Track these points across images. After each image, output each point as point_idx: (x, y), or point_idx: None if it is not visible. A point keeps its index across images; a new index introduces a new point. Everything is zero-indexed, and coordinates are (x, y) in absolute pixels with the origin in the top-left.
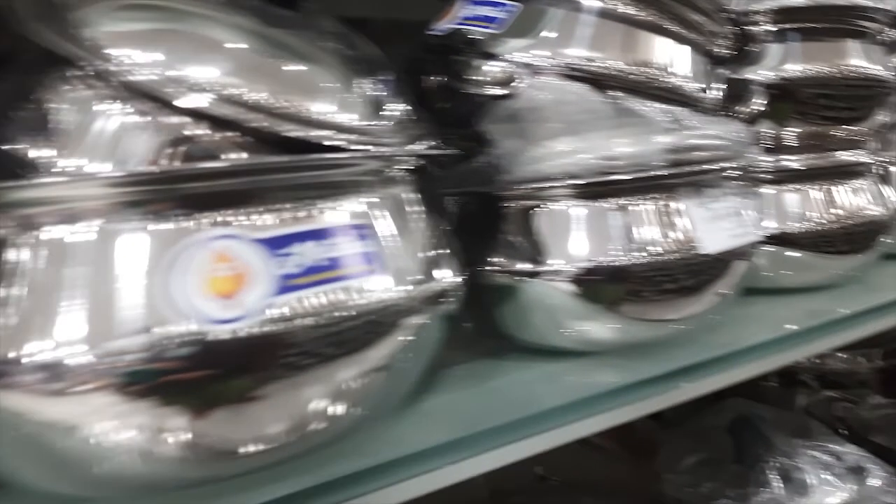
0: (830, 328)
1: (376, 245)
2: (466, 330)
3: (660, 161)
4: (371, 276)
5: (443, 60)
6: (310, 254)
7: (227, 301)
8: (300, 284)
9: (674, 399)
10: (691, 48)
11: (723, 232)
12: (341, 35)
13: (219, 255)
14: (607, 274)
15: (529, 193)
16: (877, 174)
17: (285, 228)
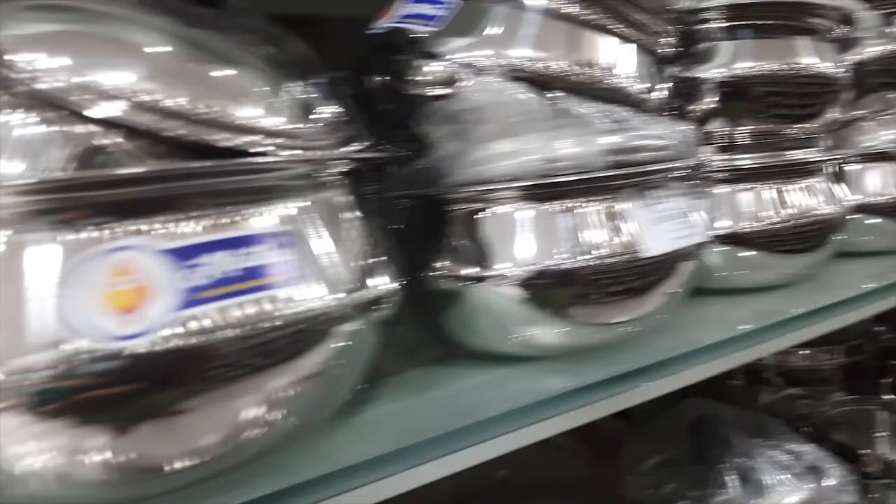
0: (783, 328)
1: (301, 252)
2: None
3: (602, 163)
4: (294, 285)
5: (385, 60)
6: (220, 264)
7: (126, 316)
8: (209, 297)
9: (623, 403)
10: (636, 48)
11: (667, 234)
12: (269, 35)
13: (118, 267)
14: (553, 278)
15: (473, 196)
16: (829, 172)
17: (195, 238)
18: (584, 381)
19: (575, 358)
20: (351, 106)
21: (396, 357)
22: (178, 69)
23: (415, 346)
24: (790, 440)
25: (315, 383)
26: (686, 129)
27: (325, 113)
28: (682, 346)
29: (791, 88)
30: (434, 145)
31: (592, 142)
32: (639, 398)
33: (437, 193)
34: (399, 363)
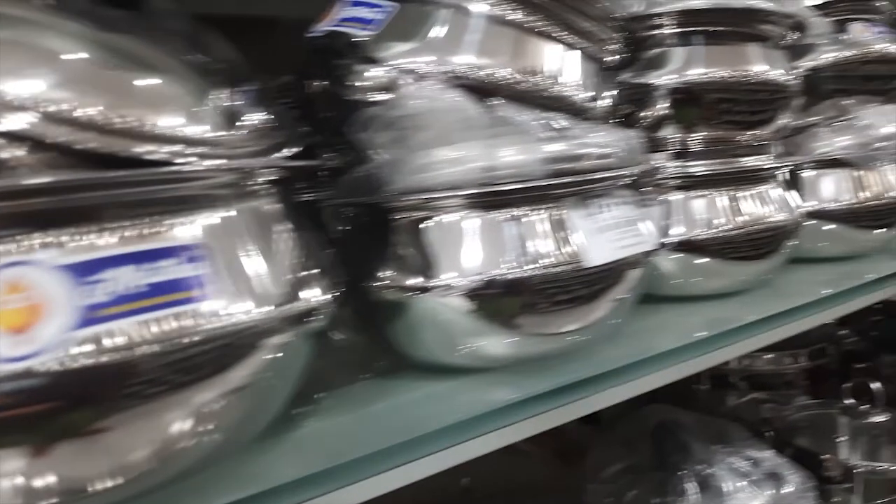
0: (738, 335)
1: (222, 265)
2: (360, 349)
3: (543, 171)
4: (213, 299)
5: (326, 64)
6: (124, 280)
7: (18, 336)
8: (111, 315)
9: (572, 414)
10: (581, 56)
11: (611, 243)
12: (193, 38)
13: (9, 284)
14: (497, 287)
15: (415, 205)
16: (784, 179)
17: (100, 252)
18: (531, 391)
19: (523, 368)
20: (284, 112)
21: (341, 369)
22: (91, 77)
23: (361, 358)
24: (750, 446)
25: (241, 398)
26: (631, 136)
27: (251, 120)
28: (634, 354)
29: (743, 95)
30: (374, 152)
31: (533, 150)
32: (588, 408)
33: (379, 201)
34: (343, 376)
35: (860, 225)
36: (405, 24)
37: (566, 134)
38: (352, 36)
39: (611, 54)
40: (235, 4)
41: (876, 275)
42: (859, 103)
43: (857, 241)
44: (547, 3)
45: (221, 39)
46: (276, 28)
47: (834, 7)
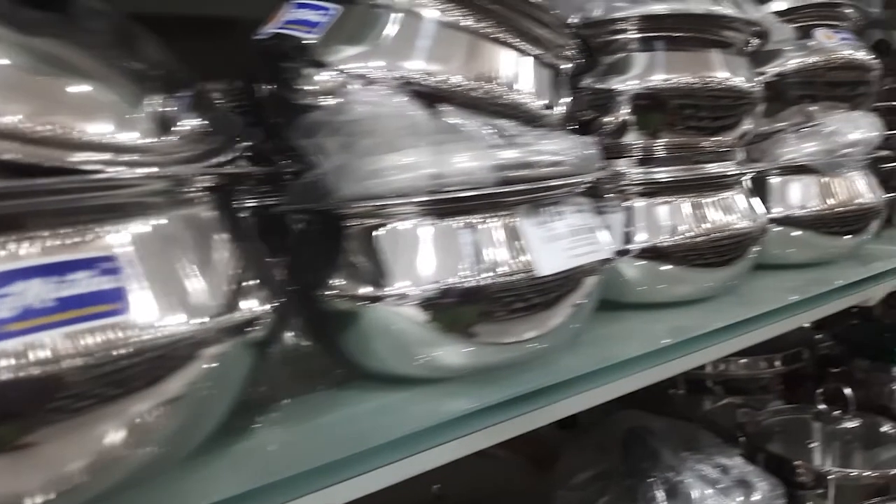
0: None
1: (148, 275)
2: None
3: (493, 179)
4: (135, 312)
5: (274, 67)
6: (32, 294)
7: None
8: (15, 331)
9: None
10: (536, 63)
11: (564, 251)
12: (124, 41)
13: None
14: (451, 296)
15: (362, 212)
16: (749, 185)
17: (13, 264)
18: (486, 402)
19: (480, 378)
20: (225, 117)
21: (294, 379)
22: (11, 83)
23: (316, 367)
24: (720, 453)
25: (176, 411)
26: (586, 143)
27: (184, 126)
28: (594, 362)
29: (705, 101)
30: (319, 158)
31: (482, 157)
32: (548, 417)
33: (327, 208)
34: (296, 386)
35: (828, 231)
36: (355, 27)
37: (517, 141)
38: (296, 39)
39: (566, 61)
40: (192, 4)
41: (844, 281)
42: (825, 109)
43: (825, 247)
44: (499, 9)
45: (156, 41)
46: (235, 29)
47: (799, 13)
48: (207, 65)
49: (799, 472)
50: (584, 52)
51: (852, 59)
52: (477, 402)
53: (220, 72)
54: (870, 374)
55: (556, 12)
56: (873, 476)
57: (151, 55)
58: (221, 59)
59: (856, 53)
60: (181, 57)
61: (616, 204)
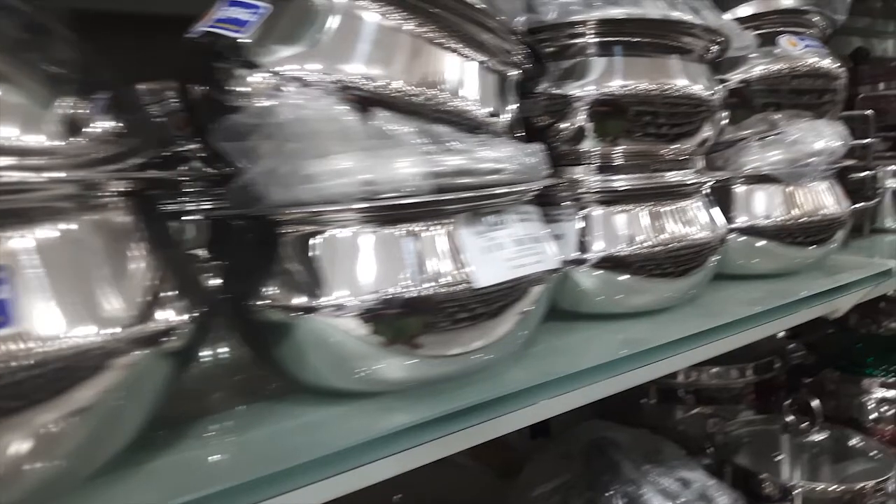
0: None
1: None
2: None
3: (427, 186)
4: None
5: (207, 67)
6: None
7: None
8: None
9: (475, 439)
10: (481, 69)
11: (503, 262)
12: (34, 41)
13: None
14: (388, 308)
15: (290, 218)
16: (710, 194)
17: None
18: (425, 416)
19: (422, 392)
20: (146, 118)
21: (225, 393)
22: None
23: (250, 380)
24: (683, 466)
25: (83, 423)
26: (531, 151)
27: (98, 128)
28: (542, 375)
29: (664, 108)
30: (245, 162)
31: (415, 164)
32: (493, 432)
33: (256, 214)
34: (227, 400)
35: (792, 242)
36: (291, 27)
37: (454, 148)
38: (225, 38)
39: (514, 67)
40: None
41: (808, 292)
42: (789, 118)
43: (790, 257)
44: (442, 13)
45: (74, 41)
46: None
47: (763, 19)
48: (151, 64)
49: (765, 485)
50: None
51: (817, 66)
52: (416, 417)
53: (164, 72)
54: (840, 385)
55: (501, 18)
56: (839, 490)
57: (68, 55)
58: (164, 58)
59: (821, 61)
60: (122, 56)
61: (572, 212)
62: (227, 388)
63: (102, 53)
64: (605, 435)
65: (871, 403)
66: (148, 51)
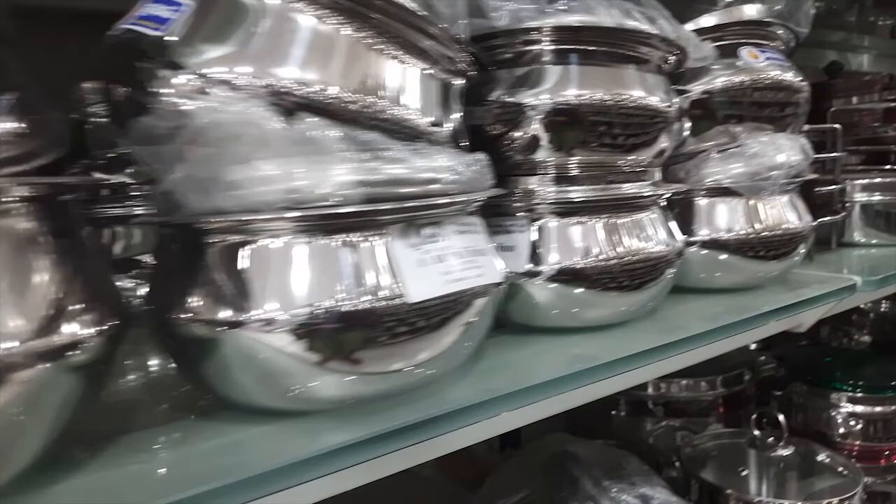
0: (602, 372)
1: None
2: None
3: (354, 196)
4: None
5: (130, 68)
6: None
7: None
8: None
9: (415, 458)
10: (422, 77)
11: (439, 276)
12: None
13: None
14: (317, 323)
15: (212, 227)
16: (665, 206)
17: None
18: (358, 436)
19: (358, 410)
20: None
21: (150, 410)
22: None
23: (175, 397)
24: (645, 482)
25: None
26: (472, 161)
27: None
28: (484, 393)
29: (619, 118)
30: (157, 168)
31: (341, 172)
32: (428, 454)
33: (173, 223)
34: (151, 417)
35: (754, 256)
36: (221, 27)
37: (387, 157)
38: (143, 35)
39: (458, 76)
40: None
41: (768, 307)
42: (751, 130)
43: (751, 271)
44: (382, 19)
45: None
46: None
47: (726, 30)
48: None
49: (730, 501)
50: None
51: (780, 79)
52: (348, 437)
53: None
54: (808, 399)
55: (444, 26)
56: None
57: None
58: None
59: (784, 74)
60: (69, 54)
61: (524, 223)
62: (152, 404)
63: (50, 51)
64: (566, 449)
65: (839, 418)
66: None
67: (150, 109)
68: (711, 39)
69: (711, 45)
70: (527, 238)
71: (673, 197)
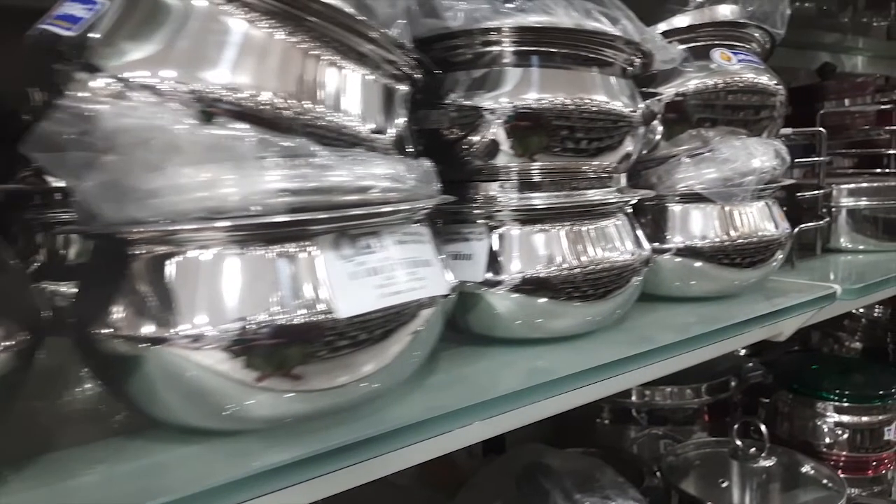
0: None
1: None
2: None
3: (277, 205)
4: None
5: (49, 69)
6: None
7: None
8: None
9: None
10: (362, 82)
11: (374, 289)
12: None
13: None
14: (246, 338)
15: (122, 237)
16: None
17: None
18: (287, 458)
19: (292, 430)
20: None
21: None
22: None
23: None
24: (619, 494)
25: None
26: (415, 168)
27: None
28: (429, 411)
29: (580, 123)
30: (61, 174)
31: (260, 181)
32: (365, 476)
33: (89, 232)
34: (75, 435)
35: (729, 263)
36: (144, 30)
37: (315, 164)
38: (56, 35)
39: (402, 81)
40: None
41: (744, 317)
42: (724, 134)
43: (726, 280)
44: (318, 23)
45: None
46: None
47: (699, 31)
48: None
49: None
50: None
51: (754, 82)
52: (277, 459)
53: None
54: (793, 408)
55: (385, 30)
56: None
57: None
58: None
59: (758, 77)
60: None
61: (483, 231)
62: (79, 421)
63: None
64: (539, 460)
65: (826, 427)
66: None
67: (51, 114)
68: (685, 40)
69: (679, 46)
70: (485, 246)
71: (646, 203)
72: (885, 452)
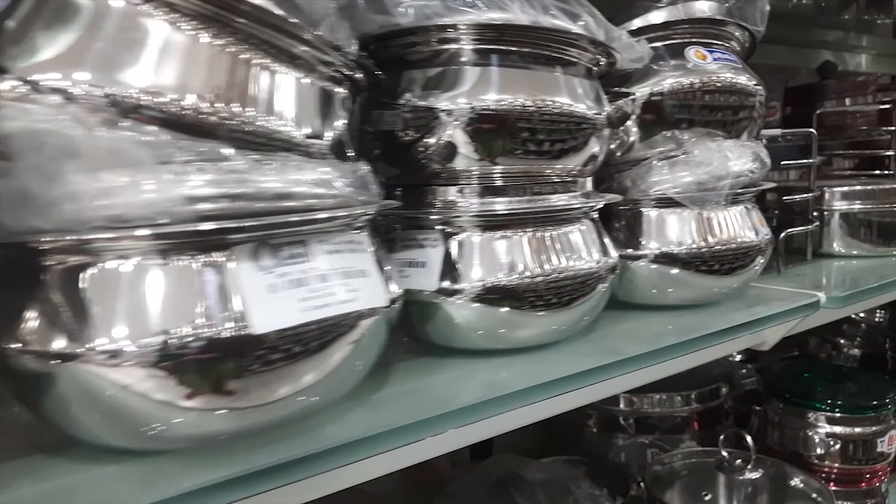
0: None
1: None
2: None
3: (184, 213)
4: None
5: None
6: None
7: None
8: None
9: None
10: (296, 86)
11: (296, 303)
12: None
13: None
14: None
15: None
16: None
17: None
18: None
19: (214, 450)
20: None
21: None
22: None
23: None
24: None
25: None
26: (350, 174)
27: None
28: (368, 429)
29: (544, 125)
30: None
31: (169, 187)
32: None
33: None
34: None
35: (707, 270)
36: (54, 31)
37: (230, 169)
38: None
39: (340, 83)
40: None
41: (720, 326)
42: (700, 136)
43: (704, 287)
44: (246, 25)
45: None
46: None
47: (674, 28)
48: None
49: None
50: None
51: (732, 82)
52: (195, 482)
53: None
54: (784, 417)
55: (319, 33)
56: None
57: None
58: None
59: (736, 76)
60: None
61: (439, 238)
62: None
63: None
64: (511, 472)
65: (817, 438)
66: None
67: None
68: (660, 37)
69: (655, 44)
70: (440, 253)
71: (620, 208)
72: (879, 464)
